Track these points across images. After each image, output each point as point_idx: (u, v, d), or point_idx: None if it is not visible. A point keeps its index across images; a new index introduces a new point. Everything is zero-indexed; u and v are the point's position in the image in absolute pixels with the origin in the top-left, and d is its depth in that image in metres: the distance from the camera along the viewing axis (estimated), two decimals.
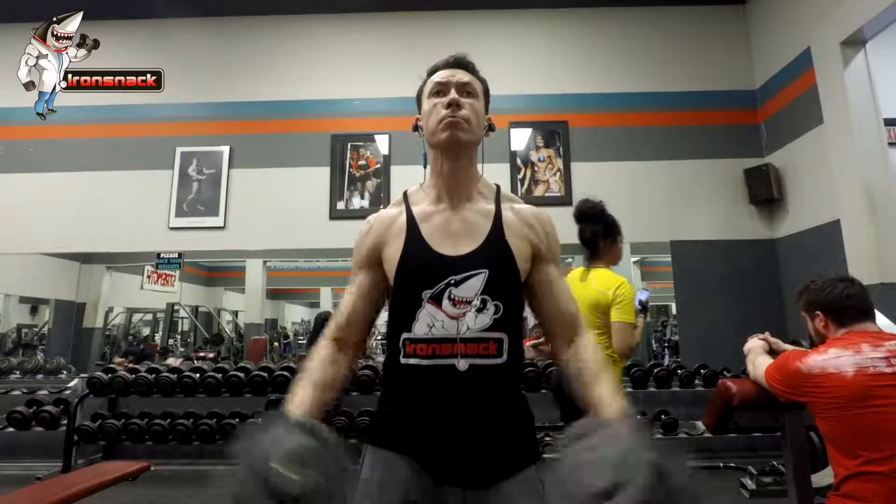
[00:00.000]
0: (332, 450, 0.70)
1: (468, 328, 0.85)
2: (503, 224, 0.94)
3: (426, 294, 0.87)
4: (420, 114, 1.02)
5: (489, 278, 0.87)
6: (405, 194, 1.01)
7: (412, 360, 0.86)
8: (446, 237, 0.92)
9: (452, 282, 0.87)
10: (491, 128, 1.03)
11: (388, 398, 0.94)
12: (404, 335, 0.87)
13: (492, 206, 0.97)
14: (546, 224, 0.99)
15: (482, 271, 0.88)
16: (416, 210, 0.96)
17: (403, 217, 0.96)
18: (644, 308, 2.15)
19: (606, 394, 0.81)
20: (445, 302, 0.86)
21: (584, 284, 2.05)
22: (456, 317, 0.86)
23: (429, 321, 0.86)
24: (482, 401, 0.86)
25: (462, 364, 0.84)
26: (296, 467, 0.65)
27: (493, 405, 0.87)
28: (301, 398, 0.83)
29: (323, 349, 0.92)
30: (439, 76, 0.98)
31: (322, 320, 6.29)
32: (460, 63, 1.00)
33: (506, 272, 0.90)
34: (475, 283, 0.87)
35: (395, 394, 0.91)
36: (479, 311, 0.86)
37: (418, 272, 0.89)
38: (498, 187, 1.02)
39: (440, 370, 0.85)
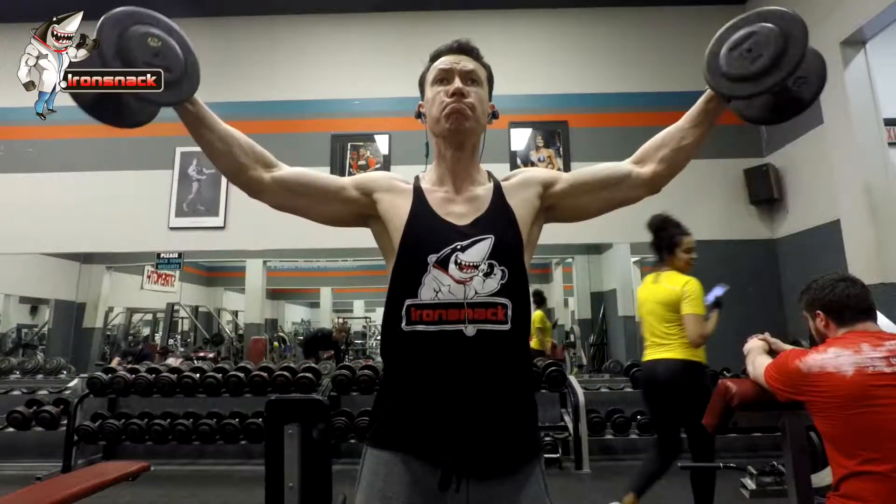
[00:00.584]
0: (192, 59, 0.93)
1: (476, 292, 0.83)
2: (504, 193, 0.96)
3: (432, 258, 0.85)
4: (423, 100, 1.01)
5: (495, 244, 0.87)
6: (416, 178, 1.03)
7: (418, 327, 0.83)
8: (452, 211, 0.93)
9: (459, 247, 0.86)
10: (495, 115, 1.02)
11: (389, 373, 0.90)
12: (409, 301, 0.85)
13: (490, 184, 0.99)
14: (531, 170, 1.04)
15: (488, 237, 0.87)
16: (423, 186, 0.98)
17: (411, 187, 0.97)
18: (718, 304, 2.35)
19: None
20: (452, 266, 0.85)
21: (656, 286, 2.36)
22: (463, 281, 0.84)
23: (435, 286, 0.84)
24: (491, 368, 0.83)
25: (470, 329, 0.82)
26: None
27: (501, 372, 0.84)
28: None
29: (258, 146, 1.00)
30: (443, 62, 0.96)
31: (314, 335, 6.25)
32: (464, 49, 0.97)
33: (511, 238, 0.89)
34: (482, 248, 0.86)
35: (397, 366, 0.88)
36: (487, 275, 0.85)
37: (425, 235, 0.88)
38: (489, 172, 1.04)
39: (447, 336, 0.82)
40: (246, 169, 0.96)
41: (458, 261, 0.85)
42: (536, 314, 5.18)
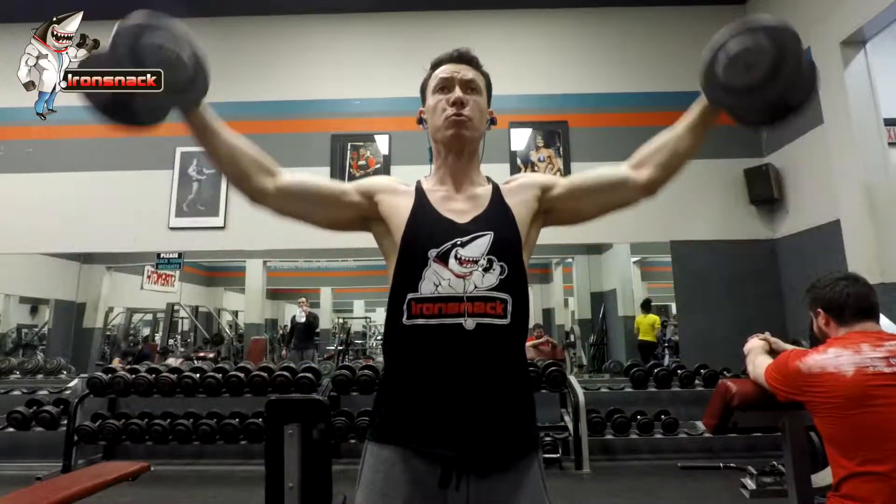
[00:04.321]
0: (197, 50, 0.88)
1: (475, 287, 0.85)
2: (502, 194, 0.99)
3: (432, 253, 0.87)
4: (424, 106, 1.04)
5: (494, 240, 0.89)
6: (418, 181, 1.05)
7: (418, 321, 0.85)
8: (452, 208, 0.96)
9: (459, 242, 0.88)
10: (493, 121, 1.06)
11: (390, 368, 0.91)
12: (410, 295, 0.86)
13: (489, 185, 1.02)
14: (530, 175, 1.08)
15: (487, 233, 0.90)
16: (424, 187, 1.01)
17: (412, 189, 1.01)
18: None
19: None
20: (452, 261, 0.87)
21: None
22: (463, 276, 0.86)
23: (435, 280, 0.86)
24: (489, 361, 0.84)
25: (469, 323, 0.83)
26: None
27: (499, 367, 0.86)
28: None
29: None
30: (444, 71, 1.00)
31: (294, 325, 6.36)
32: (464, 58, 1.01)
33: (509, 235, 0.92)
34: (482, 244, 0.89)
35: (399, 360, 0.89)
36: (486, 270, 0.87)
37: (426, 231, 0.91)
38: (488, 177, 1.07)
39: (447, 329, 0.83)
40: (249, 176, 0.97)
41: (458, 256, 0.87)
42: (653, 318, 6.05)
